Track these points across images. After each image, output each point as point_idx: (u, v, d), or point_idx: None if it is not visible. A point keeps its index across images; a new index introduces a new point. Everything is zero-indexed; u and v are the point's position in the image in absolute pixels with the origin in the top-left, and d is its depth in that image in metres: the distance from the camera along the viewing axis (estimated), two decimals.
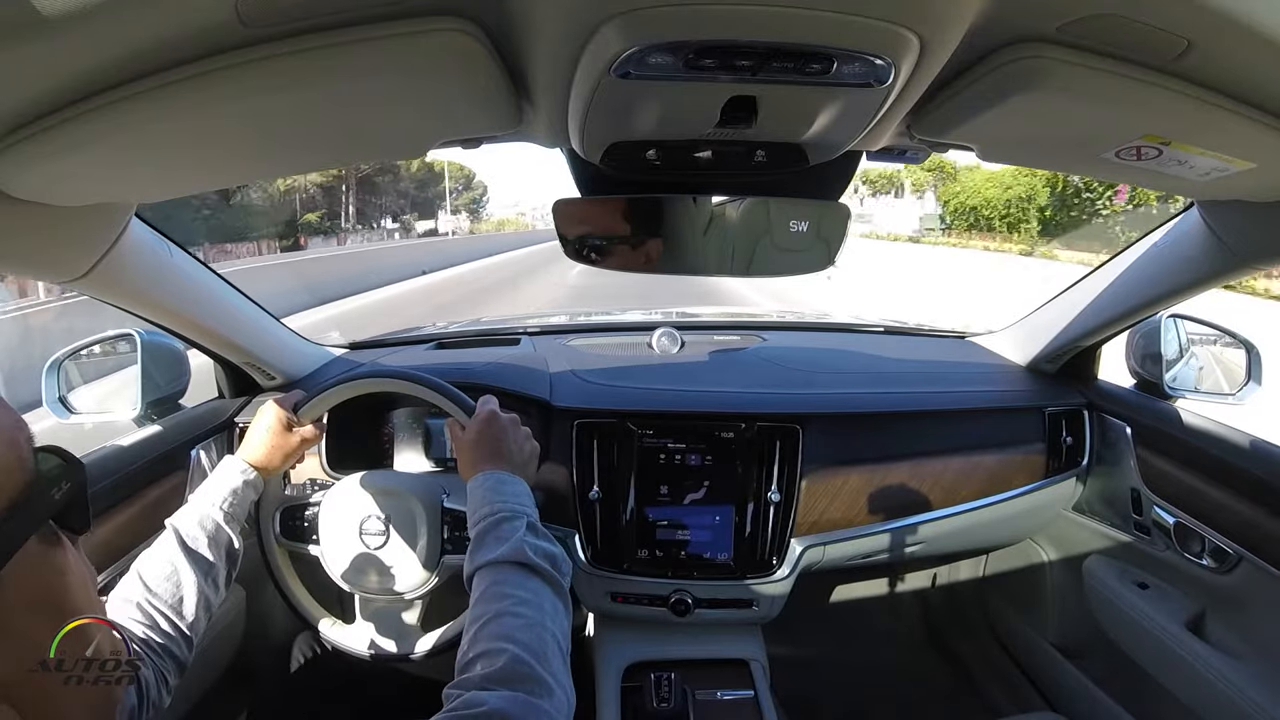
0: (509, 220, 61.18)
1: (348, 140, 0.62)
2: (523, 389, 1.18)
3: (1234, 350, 1.15)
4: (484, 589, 0.61)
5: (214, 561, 0.74)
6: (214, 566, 0.74)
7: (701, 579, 1.14)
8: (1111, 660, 1.19)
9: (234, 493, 0.80)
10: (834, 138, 0.60)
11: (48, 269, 0.74)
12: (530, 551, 0.64)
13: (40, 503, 0.40)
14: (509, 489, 0.72)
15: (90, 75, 0.43)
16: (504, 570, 0.62)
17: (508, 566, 0.63)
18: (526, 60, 0.50)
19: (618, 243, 0.74)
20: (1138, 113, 0.51)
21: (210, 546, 0.74)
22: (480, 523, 0.68)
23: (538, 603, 0.60)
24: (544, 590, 0.62)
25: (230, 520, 0.78)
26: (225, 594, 0.77)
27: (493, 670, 0.52)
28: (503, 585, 0.61)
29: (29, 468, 0.40)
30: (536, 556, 0.63)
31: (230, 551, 0.77)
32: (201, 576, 0.72)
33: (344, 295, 11.05)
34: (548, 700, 0.51)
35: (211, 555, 0.74)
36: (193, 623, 0.69)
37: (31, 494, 0.39)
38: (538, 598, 0.61)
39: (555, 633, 0.58)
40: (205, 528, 0.75)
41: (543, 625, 0.58)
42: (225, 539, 0.77)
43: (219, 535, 0.76)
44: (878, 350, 1.46)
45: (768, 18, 0.40)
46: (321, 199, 34.12)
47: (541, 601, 0.60)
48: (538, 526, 0.69)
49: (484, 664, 0.53)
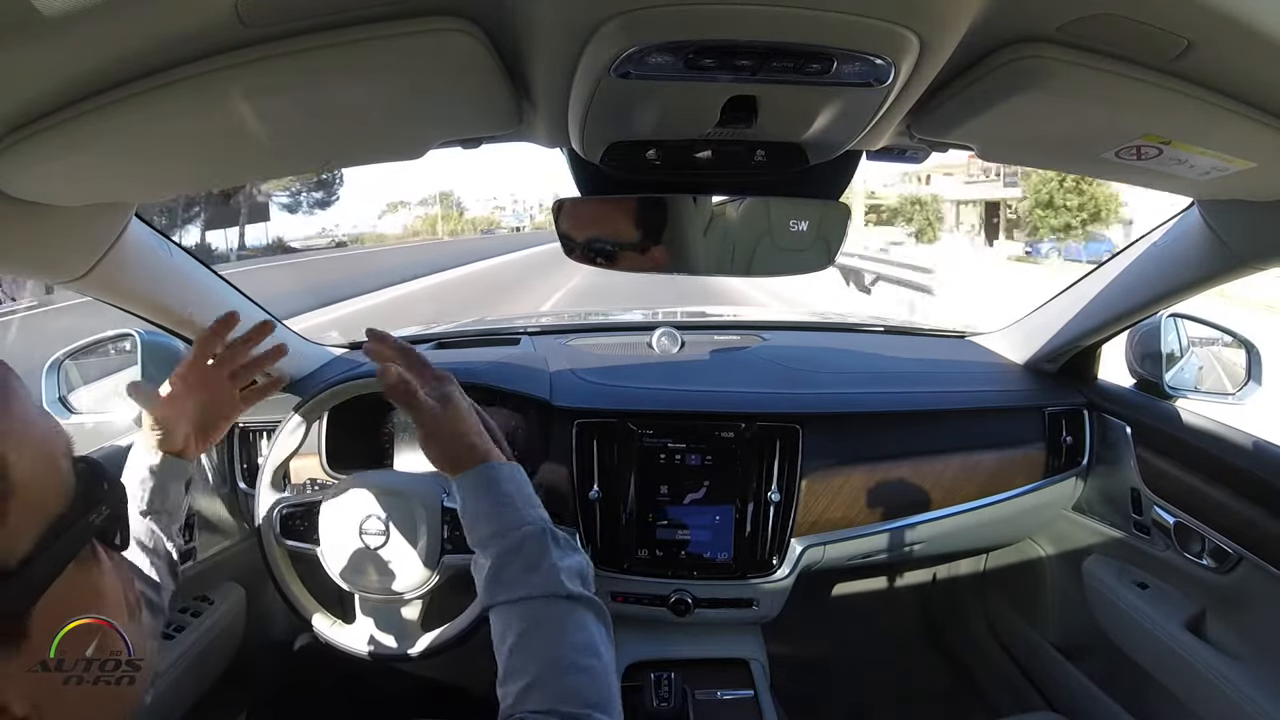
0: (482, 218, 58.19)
1: (347, 140, 0.62)
2: (523, 389, 1.18)
3: (1234, 350, 1.15)
4: (523, 632, 0.54)
5: (149, 561, 0.68)
6: (149, 566, 0.68)
7: (701, 579, 1.14)
8: (1111, 660, 1.19)
9: (142, 483, 0.70)
10: (834, 137, 0.60)
11: (48, 269, 0.74)
12: (566, 580, 0.56)
13: (77, 533, 0.36)
14: (514, 485, 0.62)
15: (90, 75, 0.43)
16: (543, 607, 0.55)
17: (545, 601, 0.55)
18: (526, 60, 0.50)
19: (618, 242, 0.74)
20: (1137, 112, 0.51)
21: (138, 550, 0.68)
22: (491, 542, 0.59)
23: (593, 645, 0.54)
24: (593, 625, 0.55)
25: (153, 514, 0.70)
26: (174, 585, 0.71)
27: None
28: (548, 630, 0.54)
29: (68, 488, 0.36)
30: (573, 584, 0.56)
31: (160, 548, 0.70)
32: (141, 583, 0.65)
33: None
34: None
35: (143, 558, 0.68)
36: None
37: (67, 523, 0.36)
38: (591, 638, 0.54)
39: (611, 665, 0.53)
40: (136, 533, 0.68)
41: (607, 672, 0.52)
42: (147, 530, 0.69)
43: (143, 533, 0.69)
44: (878, 350, 1.46)
45: (768, 17, 0.40)
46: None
47: (595, 641, 0.54)
48: (558, 533, 0.60)
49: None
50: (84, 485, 0.38)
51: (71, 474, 0.38)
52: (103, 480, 0.40)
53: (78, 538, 0.37)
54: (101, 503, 0.39)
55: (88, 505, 0.38)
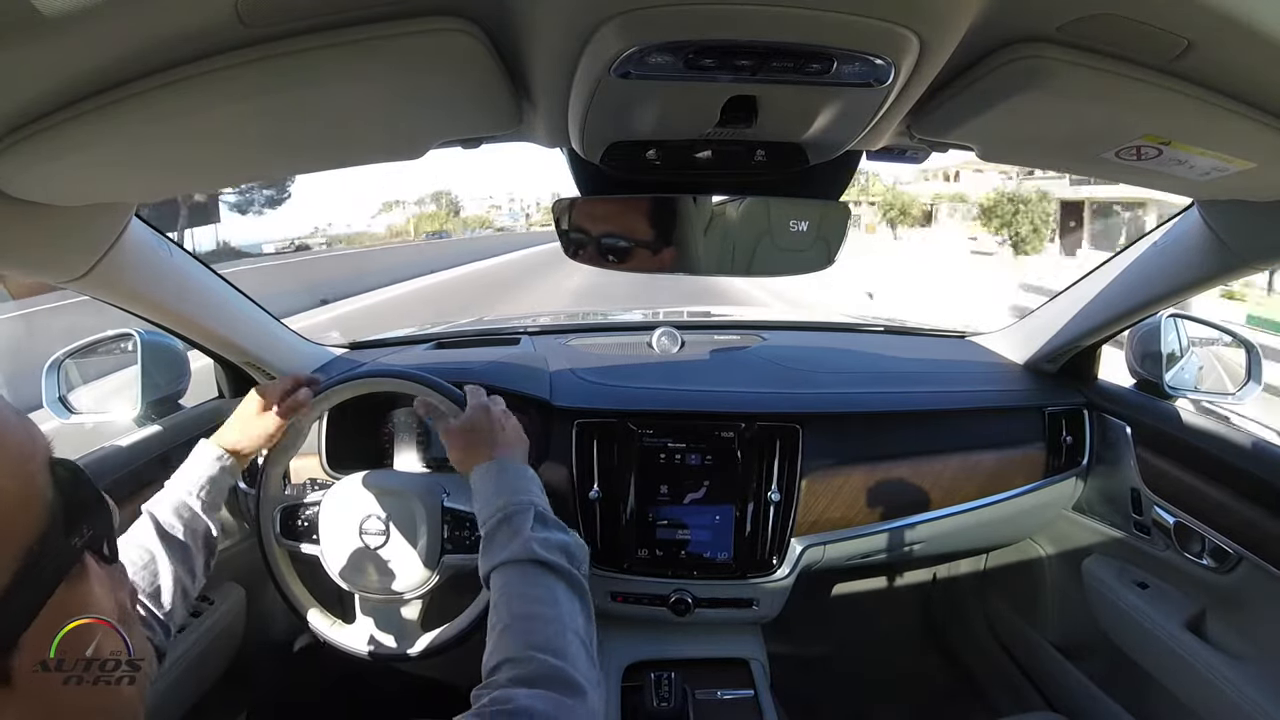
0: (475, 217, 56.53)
1: (347, 140, 0.62)
2: (523, 388, 1.18)
3: (1234, 350, 1.16)
4: (499, 592, 0.60)
5: (191, 549, 0.73)
6: (191, 554, 0.73)
7: (702, 578, 1.14)
8: (1111, 660, 1.19)
9: (210, 480, 0.78)
10: (834, 137, 0.60)
11: (48, 269, 0.74)
12: (539, 547, 0.62)
13: (60, 557, 0.33)
14: (512, 476, 0.70)
15: (90, 75, 0.43)
16: (515, 570, 0.61)
17: (518, 565, 0.61)
18: (526, 60, 0.50)
19: (618, 242, 0.74)
20: (1138, 113, 0.51)
21: (187, 534, 0.73)
22: (488, 520, 0.66)
23: (552, 599, 0.59)
24: (558, 586, 0.60)
25: (208, 509, 0.77)
26: (204, 580, 0.75)
27: (520, 673, 0.51)
28: (515, 587, 0.60)
29: (46, 504, 0.33)
30: (547, 551, 0.62)
31: (208, 539, 0.76)
32: (179, 564, 0.71)
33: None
34: (579, 701, 0.51)
35: (189, 543, 0.73)
36: (170, 611, 0.68)
37: (51, 547, 0.32)
38: (552, 594, 0.59)
39: (576, 629, 0.57)
40: (182, 516, 0.74)
41: (560, 622, 0.57)
42: (203, 527, 0.76)
43: (195, 523, 0.75)
44: (878, 350, 1.46)
45: (767, 17, 0.40)
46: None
47: (556, 597, 0.59)
48: (546, 515, 0.67)
49: (509, 669, 0.52)
50: (65, 499, 0.35)
51: (50, 487, 0.34)
52: (86, 491, 0.37)
53: (62, 561, 0.34)
54: (85, 521, 0.36)
55: (70, 524, 0.34)
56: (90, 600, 0.37)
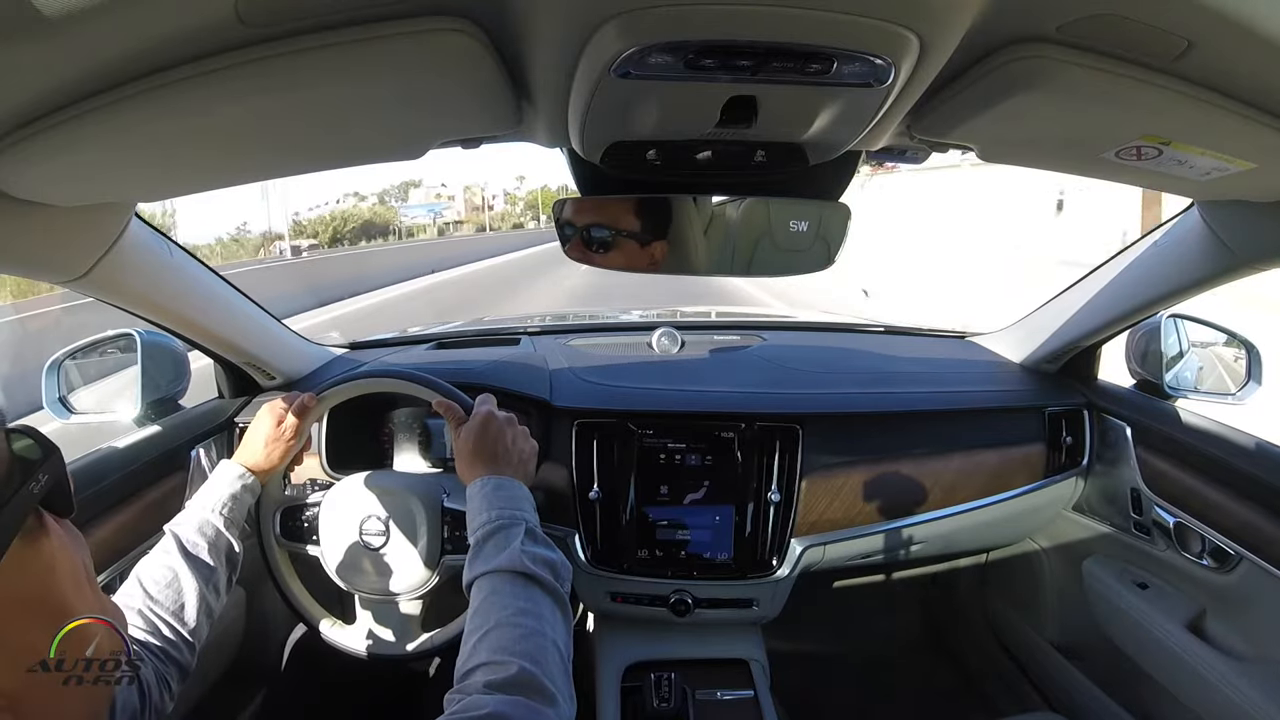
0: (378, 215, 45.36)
1: (347, 141, 0.62)
2: (523, 389, 1.18)
3: (1234, 350, 1.15)
4: (482, 599, 0.61)
5: (215, 567, 0.74)
6: (215, 572, 0.74)
7: (701, 579, 1.14)
8: (1111, 660, 1.19)
9: (233, 498, 0.80)
10: (834, 138, 0.60)
11: (48, 269, 0.74)
12: (528, 561, 0.63)
13: (18, 504, 0.36)
14: (507, 493, 0.71)
15: (90, 75, 0.43)
16: (502, 580, 0.62)
17: (506, 576, 0.62)
18: (526, 60, 0.50)
19: (618, 242, 0.74)
20: (1138, 113, 0.51)
21: (211, 553, 0.74)
22: (479, 530, 0.68)
23: (536, 612, 0.60)
24: (543, 600, 0.61)
25: (230, 525, 0.78)
26: (226, 598, 0.77)
27: (494, 678, 0.52)
28: (501, 595, 0.60)
29: (3, 458, 0.36)
30: (535, 565, 0.63)
31: (230, 556, 0.78)
32: (203, 583, 0.72)
33: None
34: (551, 709, 0.51)
35: (212, 561, 0.74)
36: (194, 628, 0.70)
37: (5, 495, 0.35)
38: (536, 607, 0.60)
39: (555, 641, 0.58)
40: (205, 534, 0.75)
41: (542, 634, 0.57)
42: (225, 544, 0.77)
43: (219, 541, 0.76)
44: (878, 350, 1.46)
45: (767, 17, 0.40)
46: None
47: (540, 610, 0.60)
48: (537, 532, 0.68)
49: (484, 673, 0.52)
50: (19, 453, 0.37)
51: (5, 443, 0.36)
52: (39, 445, 0.39)
53: (19, 509, 0.36)
54: (39, 468, 0.38)
55: (26, 473, 0.37)
56: (53, 558, 0.39)
